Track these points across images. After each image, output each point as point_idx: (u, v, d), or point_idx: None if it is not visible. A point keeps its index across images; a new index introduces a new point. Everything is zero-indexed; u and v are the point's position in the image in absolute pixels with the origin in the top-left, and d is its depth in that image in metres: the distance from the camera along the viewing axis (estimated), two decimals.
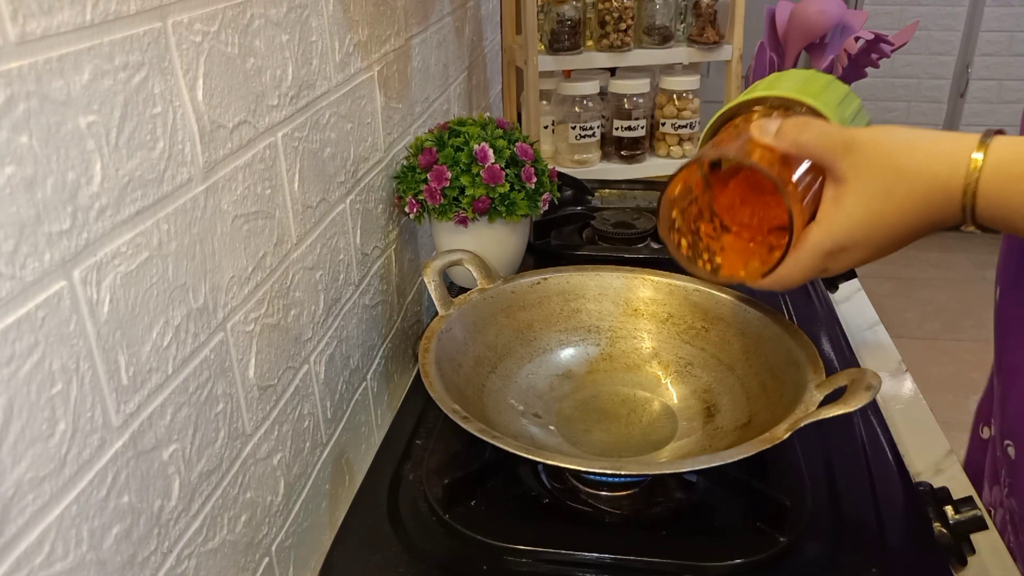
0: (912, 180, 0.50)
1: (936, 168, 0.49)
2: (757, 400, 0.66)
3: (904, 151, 0.50)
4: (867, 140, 0.51)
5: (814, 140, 0.52)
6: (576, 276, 0.77)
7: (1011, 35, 3.20)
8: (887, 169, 0.50)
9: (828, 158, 0.52)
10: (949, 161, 0.49)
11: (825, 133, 0.52)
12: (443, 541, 0.58)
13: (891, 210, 0.50)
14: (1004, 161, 0.47)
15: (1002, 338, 0.71)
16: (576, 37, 1.42)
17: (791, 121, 0.54)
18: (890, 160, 0.50)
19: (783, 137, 0.53)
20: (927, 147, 0.50)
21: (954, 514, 0.61)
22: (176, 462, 0.46)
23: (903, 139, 0.51)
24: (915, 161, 0.50)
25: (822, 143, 0.52)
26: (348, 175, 0.71)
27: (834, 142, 0.52)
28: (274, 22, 0.55)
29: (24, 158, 0.33)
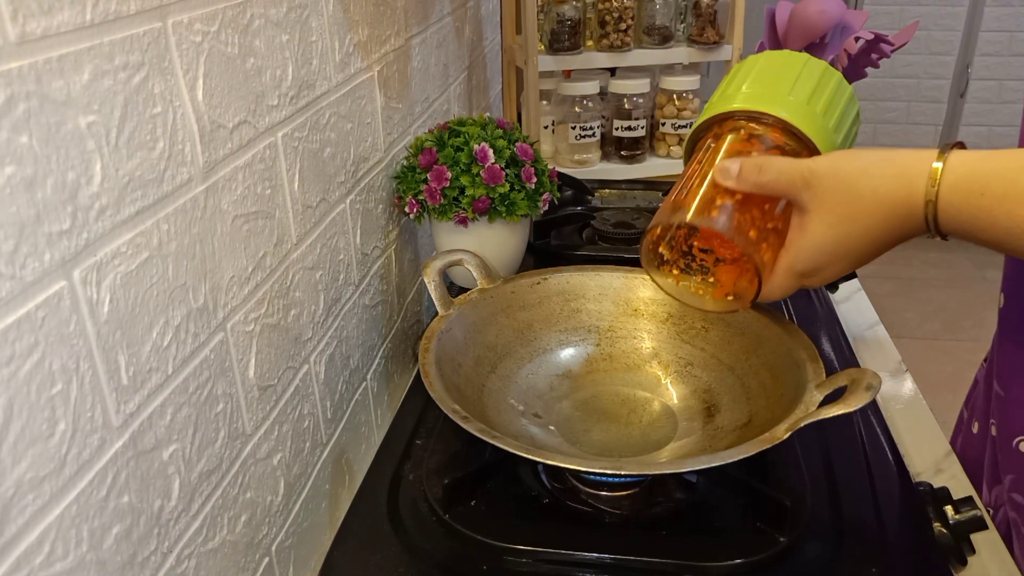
0: (871, 203, 0.52)
1: (894, 188, 0.52)
2: (757, 400, 0.66)
3: (861, 177, 0.53)
4: (825, 171, 0.54)
5: (773, 180, 0.55)
6: (576, 276, 0.77)
7: (1011, 35, 3.20)
8: (846, 195, 0.53)
9: (790, 194, 0.55)
10: (906, 182, 0.51)
11: (783, 171, 0.55)
12: (443, 541, 0.58)
13: (855, 231, 0.53)
14: (960, 179, 0.49)
15: (1009, 345, 0.71)
16: (576, 37, 1.42)
17: (749, 163, 0.56)
18: (848, 187, 0.53)
19: (743, 181, 0.56)
20: (882, 170, 0.53)
21: (954, 514, 0.61)
22: (176, 462, 0.46)
23: (859, 165, 0.53)
24: (872, 185, 0.52)
25: (782, 181, 0.55)
26: (348, 175, 0.71)
27: (793, 178, 0.54)
28: (274, 22, 0.55)
29: (24, 158, 0.33)
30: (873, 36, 1.08)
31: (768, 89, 0.61)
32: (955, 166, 0.50)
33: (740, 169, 0.56)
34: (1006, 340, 0.71)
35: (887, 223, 0.53)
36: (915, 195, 0.51)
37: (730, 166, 0.57)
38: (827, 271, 0.56)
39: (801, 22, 1.12)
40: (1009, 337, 0.71)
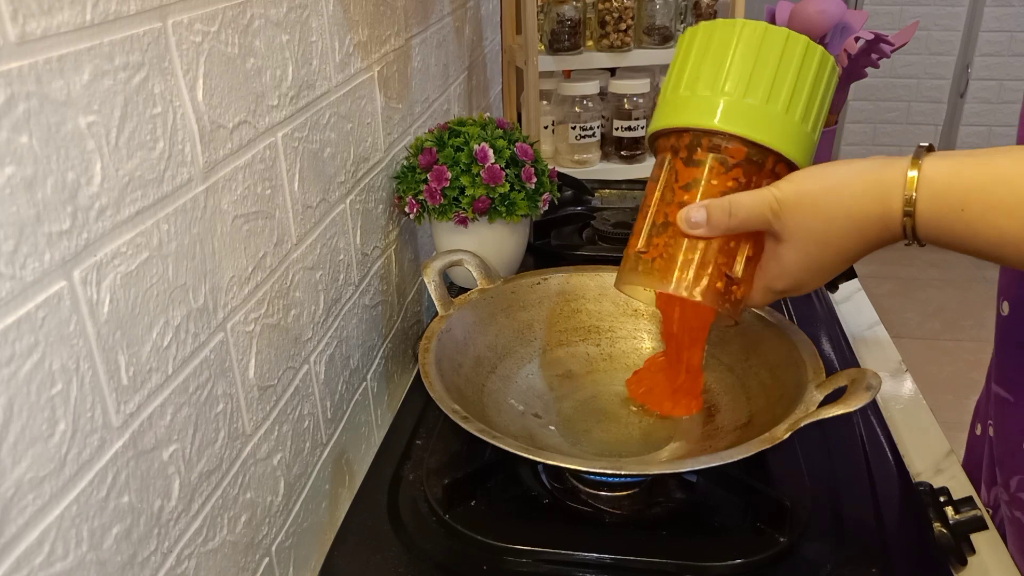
0: (844, 224, 0.51)
1: (867, 207, 0.50)
2: (757, 400, 0.66)
3: (829, 198, 0.52)
4: (793, 200, 0.52)
5: (743, 220, 0.54)
6: (576, 276, 0.77)
7: (1011, 35, 3.20)
8: (817, 221, 0.52)
9: (761, 226, 0.54)
10: (879, 199, 0.50)
11: (752, 209, 0.54)
12: (443, 541, 0.58)
13: (829, 253, 0.53)
14: (938, 193, 0.48)
15: (1010, 347, 0.70)
16: (576, 37, 1.42)
17: (716, 208, 0.54)
18: (818, 212, 0.52)
19: (714, 228, 0.55)
20: (851, 188, 0.51)
21: (954, 514, 0.61)
22: (176, 462, 0.46)
23: (827, 185, 0.52)
24: (843, 205, 0.51)
25: (751, 219, 0.54)
26: (348, 175, 0.71)
27: (762, 212, 0.53)
28: (274, 22, 0.55)
29: (24, 158, 0.33)
30: (873, 36, 1.09)
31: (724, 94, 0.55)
32: (931, 179, 0.48)
33: (708, 217, 0.55)
34: (1010, 345, 0.71)
35: (862, 240, 0.52)
36: (891, 212, 0.50)
37: (695, 215, 0.55)
38: (806, 287, 0.56)
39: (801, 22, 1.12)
40: (1013, 342, 0.71)
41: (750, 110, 0.54)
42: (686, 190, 0.57)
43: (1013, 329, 0.71)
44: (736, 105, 0.54)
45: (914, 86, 3.35)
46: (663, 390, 0.68)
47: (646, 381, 0.70)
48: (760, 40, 0.55)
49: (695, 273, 0.56)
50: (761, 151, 0.55)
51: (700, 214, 0.55)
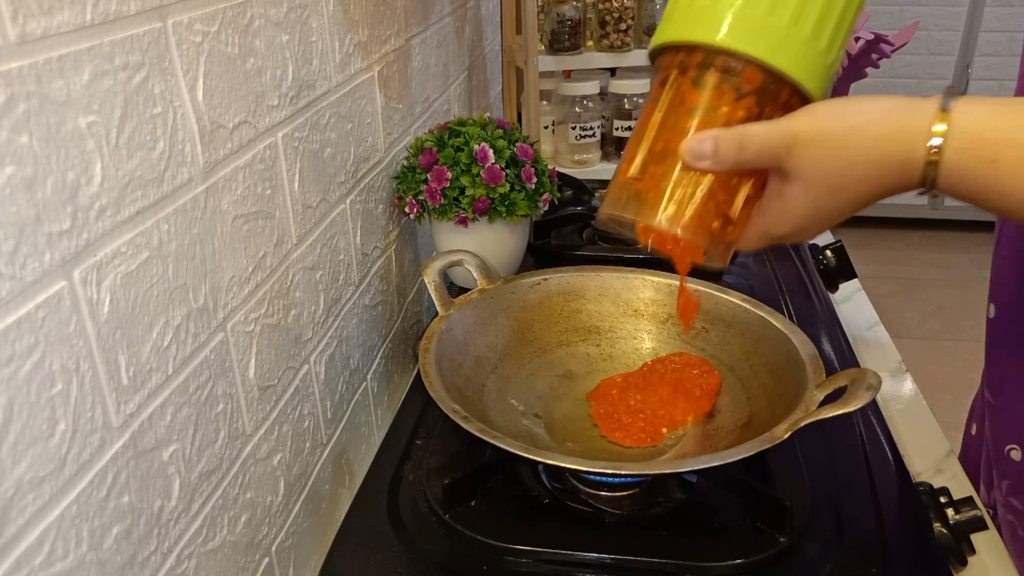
0: (863, 168, 0.47)
1: (889, 151, 0.46)
2: (757, 400, 0.66)
3: (851, 138, 0.47)
4: (810, 136, 0.47)
5: (755, 155, 0.49)
6: (576, 276, 0.77)
7: (1011, 35, 3.20)
8: (835, 164, 0.47)
9: (773, 164, 0.49)
10: (903, 143, 0.45)
11: (765, 144, 0.48)
12: (443, 541, 0.58)
13: (841, 199, 0.48)
14: (968, 143, 0.44)
15: (999, 355, 0.71)
16: (576, 37, 1.42)
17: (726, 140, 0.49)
18: (837, 153, 0.47)
19: (721, 162, 0.49)
20: (875, 129, 0.46)
21: (954, 514, 0.61)
22: (176, 462, 0.46)
23: (849, 124, 0.47)
24: (864, 150, 0.46)
25: (764, 155, 0.49)
26: (348, 175, 0.71)
27: (775, 147, 0.48)
28: (274, 22, 0.55)
29: (24, 158, 0.33)
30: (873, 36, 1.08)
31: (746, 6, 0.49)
32: (962, 127, 0.44)
33: (716, 149, 0.49)
34: (996, 349, 0.71)
35: (877, 186, 0.47)
36: (914, 158, 0.45)
37: (702, 147, 0.49)
38: (805, 234, 0.52)
39: None
40: (998, 346, 0.71)
41: (774, 31, 0.48)
42: (691, 116, 0.51)
43: (997, 333, 0.71)
44: (760, 24, 0.48)
45: (914, 86, 3.35)
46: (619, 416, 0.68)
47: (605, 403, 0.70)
48: None
49: (693, 210, 0.50)
50: (778, 80, 0.50)
51: (707, 145, 0.49)
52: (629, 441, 0.65)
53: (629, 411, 0.67)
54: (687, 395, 0.68)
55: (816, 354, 0.63)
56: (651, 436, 0.66)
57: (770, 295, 0.91)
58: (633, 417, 0.67)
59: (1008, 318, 0.69)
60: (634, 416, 0.67)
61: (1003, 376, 0.70)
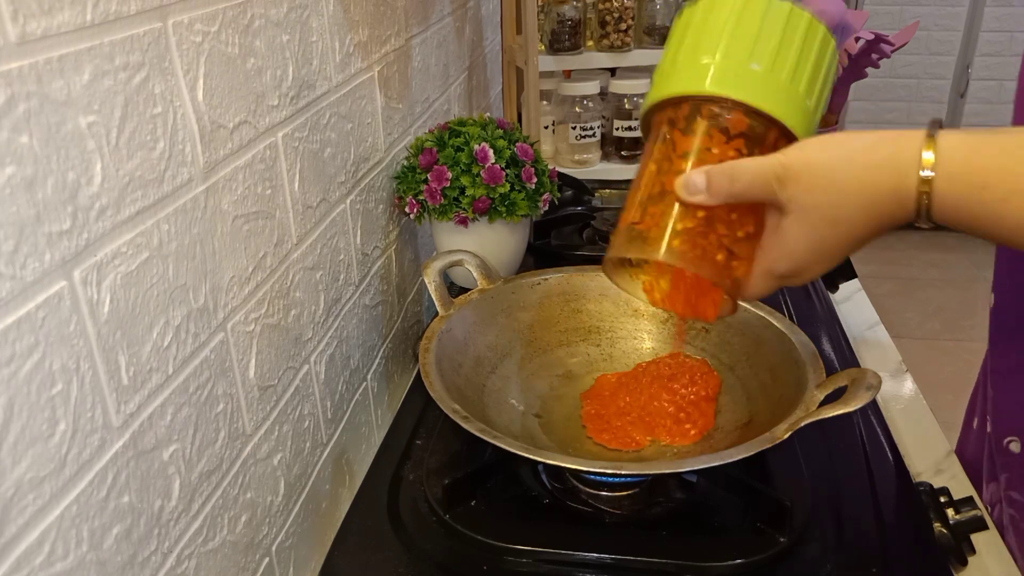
0: (855, 199, 0.48)
1: (880, 180, 0.47)
2: (757, 400, 0.66)
3: (842, 169, 0.48)
4: (800, 167, 0.48)
5: (747, 187, 0.50)
6: (576, 277, 0.77)
7: (1011, 35, 3.20)
8: (827, 194, 0.48)
9: (766, 198, 0.50)
10: (894, 171, 0.46)
11: (756, 175, 0.49)
12: (443, 541, 0.58)
13: (837, 232, 0.49)
14: (957, 171, 0.45)
15: (999, 345, 0.71)
16: (576, 37, 1.42)
17: (718, 173, 0.50)
18: (828, 184, 0.48)
19: (715, 194, 0.50)
20: (864, 159, 0.47)
21: (954, 514, 0.61)
22: (176, 462, 0.46)
23: (838, 155, 0.48)
24: (855, 178, 0.47)
25: (755, 186, 0.50)
26: (348, 175, 0.71)
27: (767, 179, 0.49)
28: (274, 22, 0.55)
29: (24, 158, 0.33)
30: (873, 36, 1.08)
31: (726, 60, 0.52)
32: (950, 156, 0.45)
33: (708, 182, 0.50)
34: (996, 340, 0.71)
35: (873, 217, 0.48)
36: (905, 187, 0.46)
37: (695, 180, 0.51)
38: (808, 272, 0.52)
39: None
40: (999, 337, 0.71)
41: (754, 77, 0.51)
42: (684, 159, 0.52)
43: (997, 322, 0.71)
44: (739, 71, 0.51)
45: (914, 86, 3.35)
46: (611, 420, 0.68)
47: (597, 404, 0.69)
48: (764, 11, 0.52)
49: (693, 242, 0.51)
50: (764, 123, 0.52)
51: (700, 178, 0.51)
52: (614, 444, 0.65)
53: (619, 412, 0.67)
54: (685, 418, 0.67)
55: (816, 354, 0.63)
56: (635, 441, 0.65)
57: (770, 295, 0.91)
58: (621, 420, 0.66)
59: (1008, 308, 0.69)
60: (622, 419, 0.67)
61: (1003, 367, 0.70)
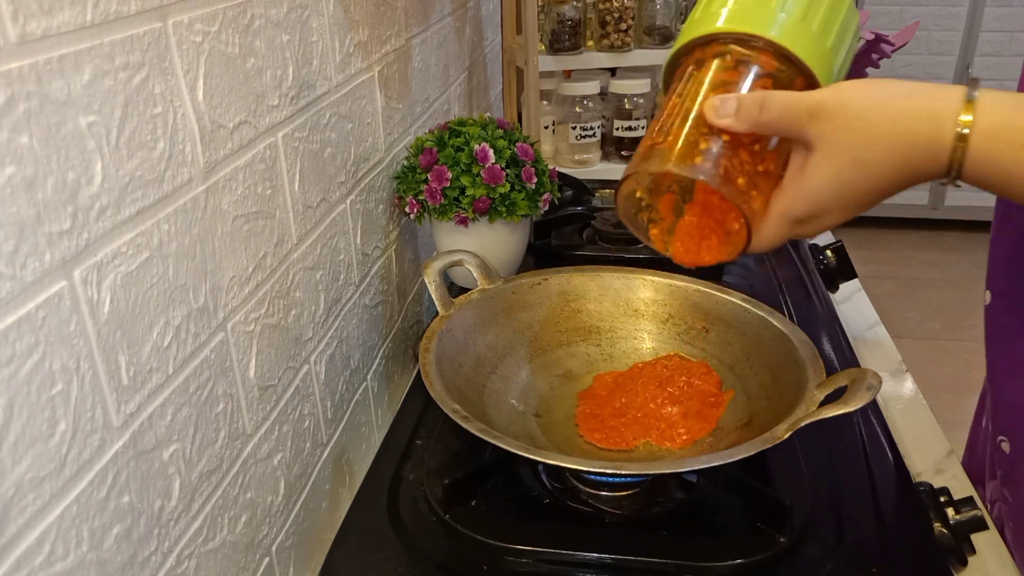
0: (887, 143, 0.46)
1: (915, 127, 0.45)
2: (757, 400, 0.65)
3: (877, 112, 0.46)
4: (835, 105, 0.47)
5: (776, 118, 0.48)
6: (576, 276, 0.77)
7: (1011, 35, 3.20)
8: (858, 134, 0.46)
9: (794, 131, 0.48)
10: (930, 119, 0.45)
11: (787, 107, 0.48)
12: (443, 541, 0.58)
13: (865, 176, 0.47)
14: (997, 128, 0.44)
15: (993, 343, 0.71)
16: (576, 37, 1.42)
17: (748, 99, 0.49)
18: (861, 124, 0.46)
19: (743, 119, 0.49)
20: (901, 105, 0.46)
21: (954, 514, 0.61)
22: (176, 462, 0.46)
23: (874, 99, 0.47)
24: (889, 122, 0.46)
25: (785, 118, 0.48)
26: (348, 175, 0.71)
27: (798, 113, 0.48)
28: (275, 22, 0.55)
29: (24, 158, 0.33)
30: (873, 36, 1.08)
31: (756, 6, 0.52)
32: (990, 111, 0.44)
33: (739, 106, 0.49)
34: (991, 340, 0.71)
35: (902, 166, 0.46)
36: (941, 137, 0.44)
37: (725, 103, 0.49)
38: (826, 218, 0.50)
39: None
40: (994, 335, 0.71)
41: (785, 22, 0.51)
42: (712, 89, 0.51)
43: (991, 321, 0.71)
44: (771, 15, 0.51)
45: None
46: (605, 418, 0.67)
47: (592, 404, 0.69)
48: None
49: (715, 162, 0.49)
50: (791, 70, 0.51)
51: (730, 103, 0.49)
52: (604, 443, 0.65)
53: (614, 413, 0.67)
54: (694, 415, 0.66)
55: (816, 354, 0.63)
56: (626, 441, 0.65)
57: (770, 295, 0.91)
58: (616, 420, 0.66)
59: (1004, 307, 0.69)
60: (617, 419, 0.67)
61: (997, 366, 0.70)
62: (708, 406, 0.67)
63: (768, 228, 0.51)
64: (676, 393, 0.68)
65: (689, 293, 0.75)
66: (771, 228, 0.51)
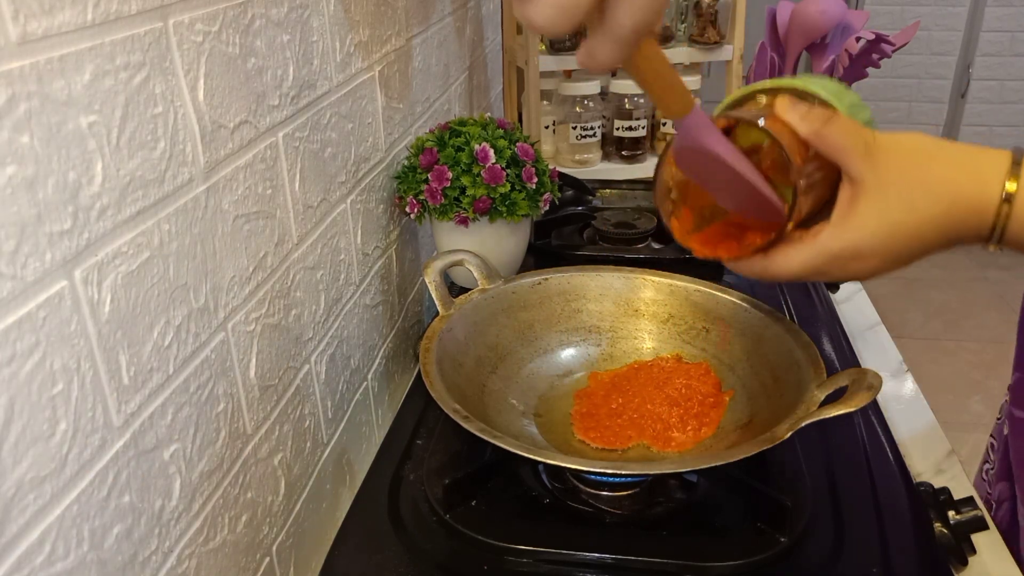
0: (936, 191, 0.46)
1: (962, 180, 0.46)
2: (758, 400, 0.66)
3: (927, 160, 0.47)
4: (890, 145, 0.48)
5: (838, 134, 0.49)
6: (577, 276, 0.77)
7: (1012, 35, 3.20)
8: (909, 176, 0.47)
9: (847, 157, 0.49)
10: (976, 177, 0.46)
11: (849, 131, 0.49)
12: (444, 541, 0.58)
13: (911, 222, 0.47)
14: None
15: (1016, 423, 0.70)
16: (577, 37, 1.42)
17: (819, 110, 0.50)
18: (913, 167, 0.47)
19: (809, 122, 0.50)
20: (950, 158, 0.47)
21: (955, 514, 0.61)
22: (177, 462, 0.46)
23: (926, 148, 0.48)
24: (939, 172, 0.47)
25: (845, 140, 0.49)
26: (349, 175, 0.71)
27: (856, 141, 0.48)
28: (275, 22, 0.55)
29: (25, 158, 0.33)
30: (874, 36, 1.08)
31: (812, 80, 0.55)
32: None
33: (809, 110, 0.50)
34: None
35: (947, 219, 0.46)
36: (987, 192, 0.45)
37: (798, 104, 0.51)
38: (863, 263, 0.49)
39: (802, 22, 1.12)
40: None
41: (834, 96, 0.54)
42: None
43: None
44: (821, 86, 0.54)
45: (915, 86, 3.35)
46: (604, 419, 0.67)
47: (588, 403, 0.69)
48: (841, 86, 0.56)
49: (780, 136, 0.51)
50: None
51: (803, 105, 0.51)
52: (598, 442, 0.65)
53: (610, 413, 0.67)
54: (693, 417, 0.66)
55: (817, 354, 0.63)
56: (620, 440, 0.65)
57: (771, 295, 0.91)
58: (612, 420, 0.66)
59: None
60: (613, 419, 0.67)
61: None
62: (708, 407, 0.66)
63: (800, 253, 0.50)
64: (674, 395, 0.68)
65: (689, 293, 0.75)
66: (803, 254, 0.50)
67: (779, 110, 0.51)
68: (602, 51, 0.40)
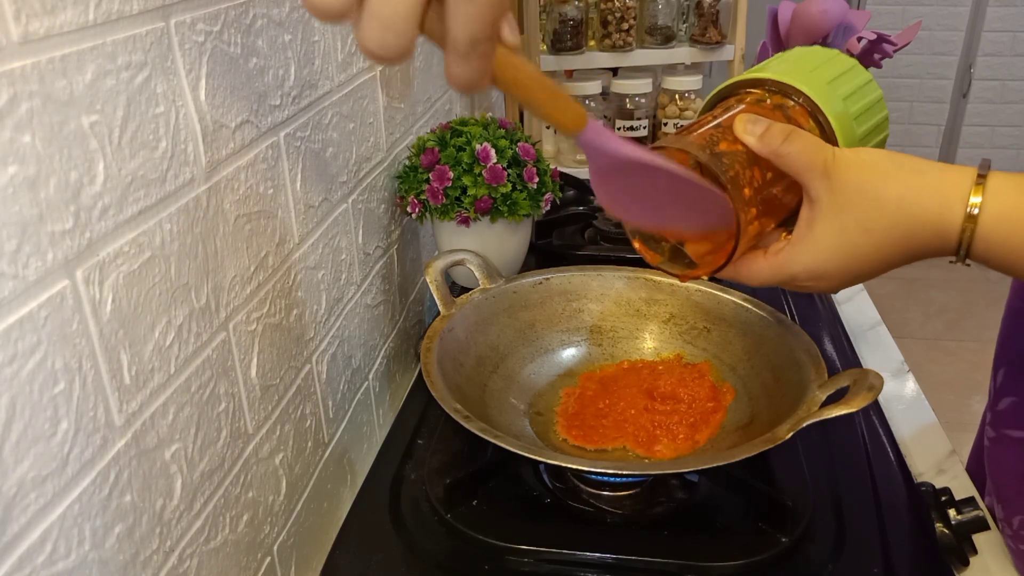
0: (894, 213, 0.46)
1: (924, 202, 0.46)
2: (759, 400, 0.65)
3: (886, 180, 0.47)
4: (849, 164, 0.48)
5: (795, 153, 0.48)
6: (578, 276, 0.77)
7: (1014, 35, 3.20)
8: (866, 198, 0.47)
9: (805, 176, 0.48)
10: (940, 199, 0.45)
11: (808, 149, 0.48)
12: (444, 541, 0.58)
13: (867, 243, 0.47)
14: (1009, 209, 0.44)
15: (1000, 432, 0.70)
16: (578, 37, 1.42)
17: (778, 127, 0.50)
18: (870, 188, 0.47)
19: (766, 141, 0.49)
20: (909, 180, 0.46)
21: (956, 514, 0.61)
22: (178, 461, 0.46)
23: (886, 167, 0.47)
24: (899, 192, 0.46)
25: (802, 159, 0.48)
26: (350, 175, 0.71)
27: (814, 160, 0.48)
28: (276, 22, 0.55)
29: (27, 158, 0.34)
30: (876, 36, 1.08)
31: (810, 71, 0.55)
32: (999, 196, 0.44)
33: (767, 129, 0.49)
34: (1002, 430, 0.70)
35: (906, 240, 0.46)
36: (949, 220, 0.45)
37: (756, 122, 0.50)
38: (820, 282, 0.50)
39: (803, 22, 1.12)
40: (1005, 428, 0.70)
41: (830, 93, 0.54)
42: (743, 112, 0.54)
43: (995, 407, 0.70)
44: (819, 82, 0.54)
45: (917, 86, 3.35)
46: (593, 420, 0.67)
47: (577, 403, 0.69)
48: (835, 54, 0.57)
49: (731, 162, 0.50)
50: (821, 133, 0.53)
51: (760, 123, 0.50)
52: (578, 440, 0.65)
53: (596, 414, 0.67)
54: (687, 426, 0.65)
55: (818, 354, 0.63)
56: (603, 440, 0.65)
57: (772, 295, 0.91)
58: (596, 421, 0.66)
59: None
60: (598, 420, 0.66)
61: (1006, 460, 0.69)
62: (707, 413, 0.66)
63: (763, 271, 0.51)
64: (662, 407, 0.67)
65: (691, 293, 0.75)
66: (765, 273, 0.51)
67: (737, 131, 0.50)
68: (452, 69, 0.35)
